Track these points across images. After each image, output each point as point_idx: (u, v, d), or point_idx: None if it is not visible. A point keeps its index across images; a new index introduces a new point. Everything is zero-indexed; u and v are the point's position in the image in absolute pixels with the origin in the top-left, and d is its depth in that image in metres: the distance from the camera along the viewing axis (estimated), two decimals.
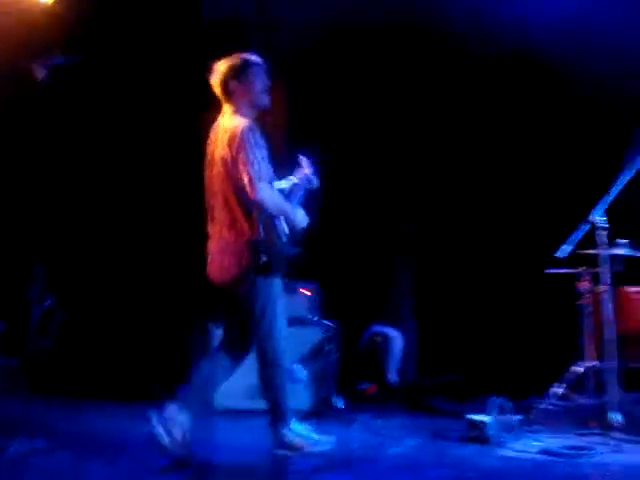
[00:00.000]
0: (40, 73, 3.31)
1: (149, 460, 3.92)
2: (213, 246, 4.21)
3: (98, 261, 7.00)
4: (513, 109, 6.28)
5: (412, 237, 6.63)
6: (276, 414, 4.17)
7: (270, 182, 4.16)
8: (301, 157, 4.48)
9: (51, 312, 7.07)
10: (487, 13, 5.99)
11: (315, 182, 4.47)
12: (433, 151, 6.53)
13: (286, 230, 4.30)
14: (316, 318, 5.60)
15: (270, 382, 4.18)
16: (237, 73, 4.26)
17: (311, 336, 5.50)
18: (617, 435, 4.39)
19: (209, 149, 4.26)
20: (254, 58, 4.34)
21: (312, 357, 5.45)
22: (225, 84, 4.26)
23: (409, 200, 6.60)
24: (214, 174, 4.19)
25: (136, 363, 6.32)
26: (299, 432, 4.16)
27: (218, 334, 4.40)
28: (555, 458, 4.06)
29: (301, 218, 4.37)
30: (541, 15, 5.89)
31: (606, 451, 4.16)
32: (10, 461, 3.70)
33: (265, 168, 4.11)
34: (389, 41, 6.47)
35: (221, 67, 4.29)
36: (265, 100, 4.32)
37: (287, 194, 4.41)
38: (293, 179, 4.45)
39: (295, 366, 5.41)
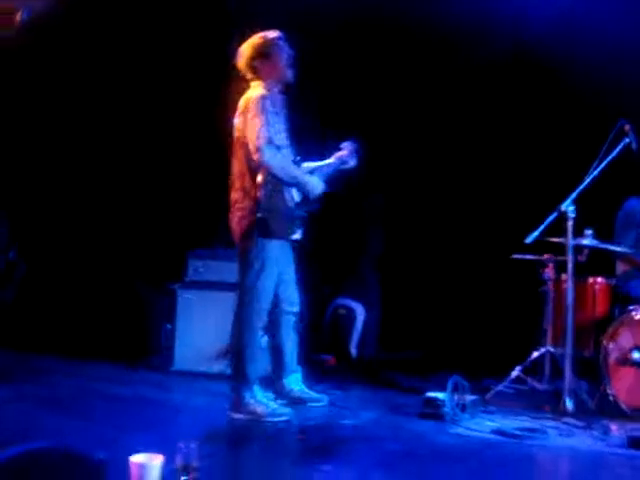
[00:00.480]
0: (21, 15, 3.26)
1: (97, 418, 3.93)
2: (230, 211, 4.45)
3: (63, 211, 6.92)
4: (489, 94, 6.29)
5: (380, 211, 6.64)
6: (239, 378, 4.20)
7: (280, 148, 4.33)
8: (345, 143, 4.69)
9: (13, 263, 7.00)
10: (484, 10, 6.00)
11: (351, 162, 4.68)
12: (408, 127, 6.52)
13: (296, 196, 4.47)
14: None
15: (238, 344, 4.23)
16: (260, 52, 4.43)
17: None
18: (569, 420, 4.48)
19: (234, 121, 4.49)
20: (274, 34, 4.49)
21: None
22: (251, 64, 4.44)
23: (379, 172, 6.59)
24: (234, 142, 4.42)
25: (94, 318, 6.29)
26: (260, 399, 4.20)
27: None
28: (507, 439, 4.13)
29: (315, 185, 4.50)
30: (539, 13, 5.90)
31: (557, 435, 4.24)
32: None
33: (275, 134, 4.30)
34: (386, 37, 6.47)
35: (245, 49, 4.46)
36: (289, 73, 4.49)
37: (313, 169, 4.62)
38: (329, 160, 4.64)
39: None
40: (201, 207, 6.67)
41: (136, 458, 2.71)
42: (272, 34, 4.50)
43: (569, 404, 4.59)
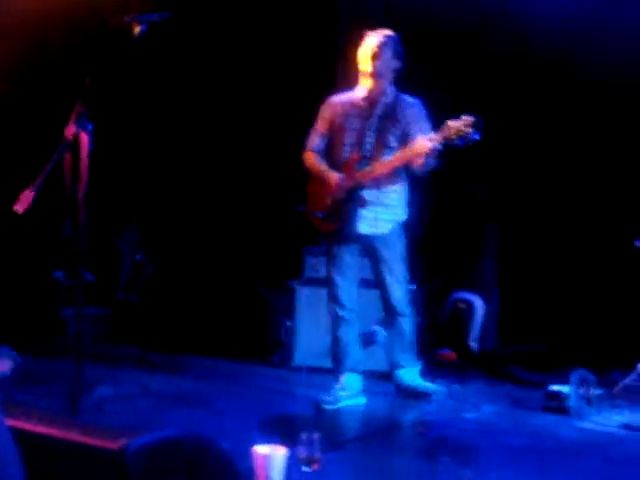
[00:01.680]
0: (136, 28, 3.39)
1: (225, 414, 4.04)
2: None
3: (186, 215, 7.17)
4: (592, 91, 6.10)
5: (498, 204, 6.54)
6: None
7: (314, 151, 4.64)
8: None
9: (141, 265, 7.30)
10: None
11: (473, 136, 4.31)
12: (522, 123, 6.40)
13: None
14: None
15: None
16: (396, 52, 4.50)
17: None
18: None
19: None
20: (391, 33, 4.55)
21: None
22: (390, 65, 4.49)
23: (496, 167, 6.50)
24: None
25: (220, 319, 6.47)
26: (339, 388, 4.61)
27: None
28: (635, 433, 4.00)
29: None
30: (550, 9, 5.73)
31: None
32: (91, 405, 3.85)
33: (312, 139, 4.63)
34: None
35: (381, 47, 4.46)
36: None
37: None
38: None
39: (375, 328, 5.46)
40: None
41: (260, 449, 2.80)
42: (390, 32, 4.54)
43: None
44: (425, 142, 4.23)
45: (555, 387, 4.45)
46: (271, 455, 2.77)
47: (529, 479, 3.30)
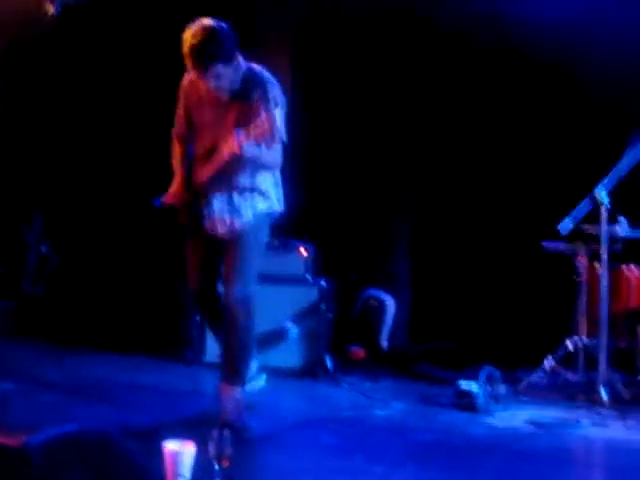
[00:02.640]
0: (51, 9, 3.27)
1: (128, 406, 3.95)
2: None
3: (95, 206, 6.97)
4: (514, 85, 6.24)
5: (411, 203, 6.62)
6: None
7: (178, 137, 4.23)
8: None
9: (46, 257, 7.07)
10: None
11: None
12: (436, 120, 6.50)
13: None
14: (311, 277, 5.59)
15: None
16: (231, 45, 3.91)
17: (306, 295, 5.50)
18: (603, 411, 4.43)
19: None
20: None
21: (306, 316, 5.45)
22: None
23: (410, 166, 6.57)
24: None
25: (131, 313, 6.33)
26: None
27: None
28: (540, 429, 4.10)
29: None
30: (544, 9, 5.86)
31: (591, 425, 4.19)
32: None
33: (176, 123, 4.20)
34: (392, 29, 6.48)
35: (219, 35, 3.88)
36: None
37: None
38: None
39: (288, 324, 5.44)
40: None
41: (170, 445, 2.74)
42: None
43: (604, 395, 4.53)
44: (230, 143, 3.79)
45: (464, 385, 4.52)
46: (180, 451, 2.71)
47: (438, 475, 3.33)
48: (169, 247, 6.64)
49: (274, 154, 3.96)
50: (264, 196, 4.07)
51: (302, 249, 5.61)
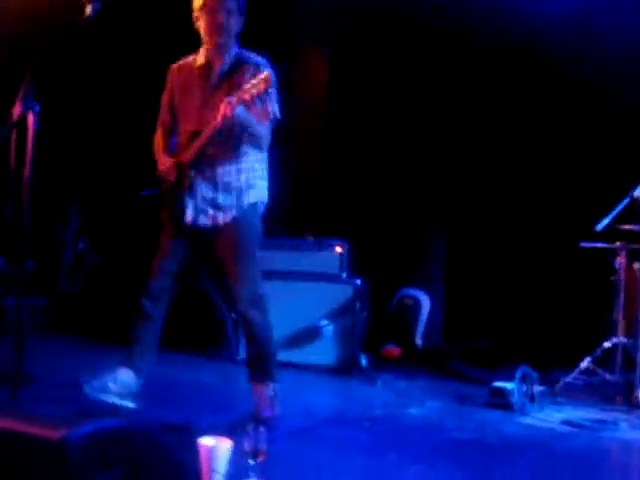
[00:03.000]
0: (88, 7, 3.30)
1: (165, 402, 3.98)
2: None
3: (132, 204, 7.03)
4: (547, 84, 6.18)
5: (447, 202, 6.60)
6: None
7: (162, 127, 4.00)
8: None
9: (83, 254, 7.16)
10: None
11: (267, 92, 3.61)
12: (473, 124, 6.48)
13: None
14: (346, 275, 5.60)
15: None
16: (239, 6, 3.82)
17: (341, 293, 5.50)
18: None
19: None
20: None
21: (340, 314, 5.46)
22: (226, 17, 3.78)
23: (447, 166, 6.56)
24: None
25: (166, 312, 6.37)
26: None
27: None
28: (576, 429, 4.07)
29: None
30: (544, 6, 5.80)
31: (628, 427, 4.14)
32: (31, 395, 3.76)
33: (160, 113, 4.01)
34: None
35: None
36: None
37: None
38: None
39: (323, 322, 5.45)
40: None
41: (205, 441, 2.75)
42: None
43: None
44: (223, 106, 3.57)
45: (499, 384, 4.50)
46: (216, 447, 2.73)
47: (473, 474, 3.31)
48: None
49: (265, 129, 3.77)
50: (251, 186, 3.84)
51: (337, 247, 5.62)
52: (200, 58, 3.84)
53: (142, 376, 3.87)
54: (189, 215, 3.79)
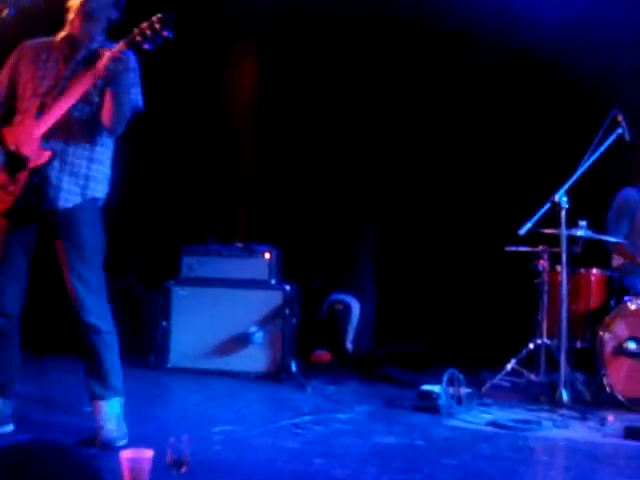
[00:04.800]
0: (4, 11, 3.24)
1: (86, 413, 3.90)
2: None
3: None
4: (480, 87, 6.30)
5: (375, 207, 6.65)
6: None
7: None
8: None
9: None
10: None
11: (159, 35, 3.24)
12: (399, 125, 6.55)
13: None
14: (275, 281, 5.59)
15: None
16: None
17: (270, 299, 5.49)
18: (565, 412, 4.47)
19: None
20: None
21: (270, 320, 5.45)
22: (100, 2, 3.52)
23: (374, 171, 6.62)
24: None
25: None
26: None
27: None
28: (502, 430, 4.13)
29: None
30: (538, 12, 5.91)
31: (552, 426, 4.23)
32: None
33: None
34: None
35: None
36: None
37: None
38: None
39: (252, 328, 5.43)
40: (194, 203, 6.68)
41: (126, 453, 2.72)
42: None
43: (565, 395, 4.59)
44: (107, 52, 3.30)
45: (426, 387, 4.54)
46: (137, 458, 2.69)
47: (398, 477, 3.34)
48: (128, 250, 6.63)
49: (128, 107, 3.47)
50: (97, 180, 3.59)
51: (266, 253, 5.61)
52: (61, 36, 3.55)
53: (10, 394, 3.66)
54: (27, 195, 3.41)
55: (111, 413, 3.58)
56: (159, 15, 3.16)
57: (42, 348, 5.63)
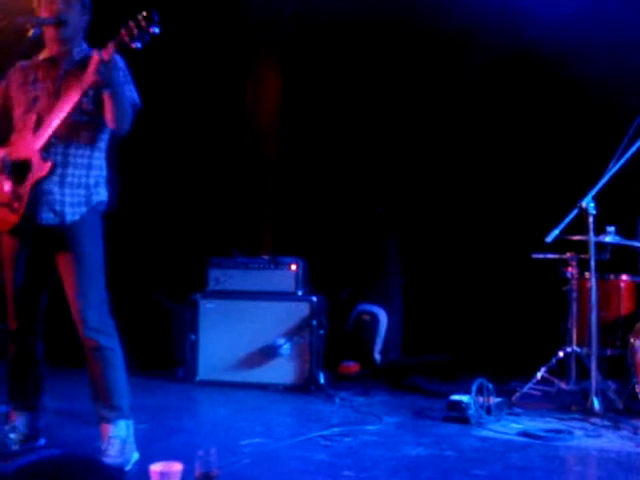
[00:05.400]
0: (30, 30, 3.29)
1: None
2: None
3: None
4: (505, 92, 6.27)
5: (402, 218, 6.65)
6: None
7: None
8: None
9: None
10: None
11: (146, 32, 3.18)
12: (427, 135, 6.55)
13: None
14: (302, 293, 5.59)
15: None
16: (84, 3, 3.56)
17: (297, 311, 5.50)
18: (596, 420, 4.42)
19: None
20: None
21: (297, 332, 5.45)
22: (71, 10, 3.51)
23: (399, 181, 6.62)
24: None
25: (123, 333, 6.30)
26: None
27: None
28: (533, 440, 4.09)
29: None
30: (539, 10, 5.88)
31: (584, 435, 4.18)
32: None
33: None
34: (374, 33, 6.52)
35: None
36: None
37: None
38: None
39: (280, 340, 5.44)
40: (220, 216, 6.70)
41: (156, 466, 2.73)
42: None
43: (596, 404, 4.53)
44: (96, 56, 3.28)
45: (455, 397, 4.51)
46: (166, 472, 2.70)
47: None
48: (155, 264, 6.68)
49: (127, 104, 3.45)
50: (98, 184, 3.57)
51: (292, 265, 5.62)
52: (45, 53, 3.58)
53: (37, 407, 3.68)
54: (33, 211, 3.40)
55: (115, 437, 3.46)
56: (144, 13, 3.15)
57: (71, 361, 5.68)
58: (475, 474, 3.52)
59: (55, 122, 3.37)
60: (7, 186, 3.47)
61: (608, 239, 4.80)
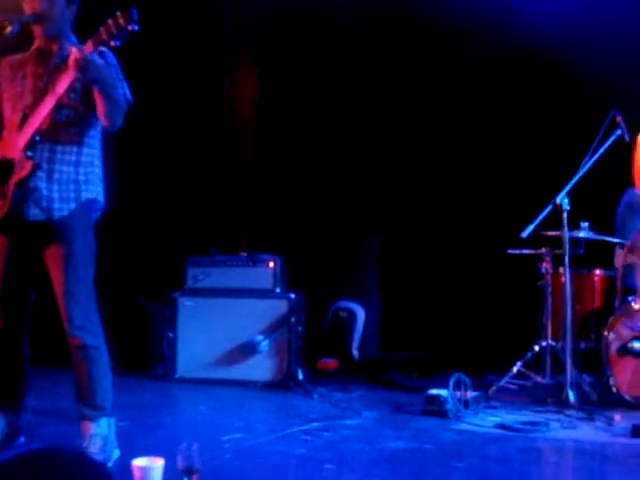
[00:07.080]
0: (8, 27, 3.28)
1: None
2: None
3: None
4: (480, 88, 6.33)
5: (378, 214, 6.68)
6: None
7: None
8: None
9: None
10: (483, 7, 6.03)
11: (124, 31, 3.12)
12: (401, 131, 6.58)
13: None
14: (280, 290, 5.61)
15: None
16: None
17: (275, 308, 5.52)
18: (571, 412, 4.48)
19: None
20: None
21: (276, 329, 5.47)
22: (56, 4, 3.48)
23: (376, 178, 6.65)
24: None
25: None
26: None
27: None
28: (510, 432, 4.14)
29: None
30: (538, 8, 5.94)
31: (559, 427, 4.24)
32: None
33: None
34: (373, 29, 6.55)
35: None
36: None
37: None
38: None
39: (258, 337, 5.45)
40: (197, 214, 6.70)
41: (138, 461, 2.73)
42: None
43: (571, 396, 4.59)
44: (74, 49, 3.21)
45: (434, 391, 4.56)
46: (149, 467, 2.71)
47: None
48: (133, 261, 6.66)
49: (120, 99, 3.42)
50: (89, 181, 3.51)
51: (270, 262, 5.63)
52: (32, 51, 3.54)
53: (20, 407, 3.63)
54: (18, 208, 3.36)
55: (96, 435, 3.43)
56: (123, 10, 3.08)
57: (53, 360, 5.67)
58: (454, 466, 3.57)
59: (38, 119, 3.34)
60: None
61: (582, 234, 4.87)
